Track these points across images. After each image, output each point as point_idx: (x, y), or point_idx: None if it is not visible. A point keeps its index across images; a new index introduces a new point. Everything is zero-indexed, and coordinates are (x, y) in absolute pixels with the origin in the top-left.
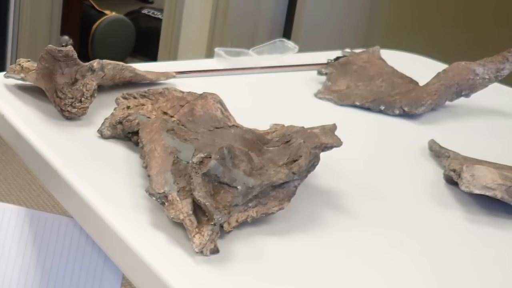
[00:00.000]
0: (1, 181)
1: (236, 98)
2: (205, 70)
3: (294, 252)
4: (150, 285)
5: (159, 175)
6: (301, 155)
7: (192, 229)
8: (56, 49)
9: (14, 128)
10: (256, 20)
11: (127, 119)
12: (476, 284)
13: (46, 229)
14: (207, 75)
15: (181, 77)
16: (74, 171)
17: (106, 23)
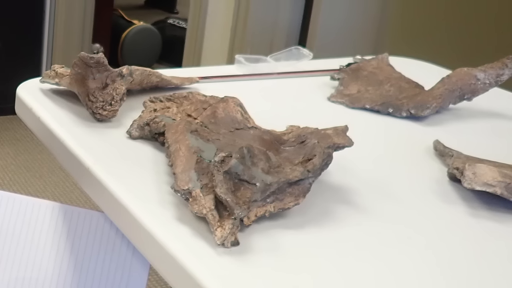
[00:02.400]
0: (37, 178)
1: (255, 101)
2: (226, 75)
3: (308, 245)
4: (175, 275)
5: (183, 173)
6: (315, 154)
7: (214, 223)
8: (88, 56)
9: (49, 130)
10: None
11: (154, 121)
12: (478, 275)
13: (79, 223)
14: (228, 80)
15: (204, 82)
16: (105, 169)
17: (135, 32)
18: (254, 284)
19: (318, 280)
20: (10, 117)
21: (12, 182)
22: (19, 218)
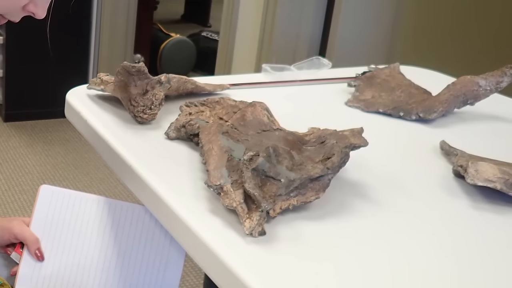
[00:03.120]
0: (84, 175)
1: (280, 106)
2: (254, 82)
3: (328, 234)
4: (208, 261)
5: (216, 170)
6: (334, 153)
7: (243, 215)
8: (130, 65)
9: (95, 131)
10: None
11: (189, 123)
12: (480, 260)
13: (122, 215)
14: (256, 87)
15: (234, 88)
16: (145, 167)
17: (172, 43)
18: (279, 270)
19: (338, 266)
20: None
21: (62, 178)
22: (68, 211)
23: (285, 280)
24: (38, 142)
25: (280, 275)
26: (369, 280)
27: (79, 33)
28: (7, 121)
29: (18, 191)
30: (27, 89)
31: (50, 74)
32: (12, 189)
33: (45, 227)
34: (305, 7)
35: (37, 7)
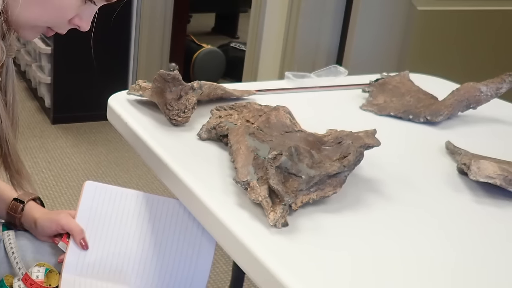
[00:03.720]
0: (124, 172)
1: (301, 110)
2: (278, 88)
3: (345, 226)
4: (236, 250)
5: (243, 167)
6: (350, 153)
7: (268, 208)
8: (166, 73)
9: (134, 132)
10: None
11: (219, 125)
12: (481, 250)
13: (158, 208)
14: (279, 93)
15: (259, 94)
16: (179, 165)
17: (204, 53)
18: (301, 258)
19: (353, 255)
20: (103, 122)
21: (104, 175)
22: (110, 204)
23: (306, 267)
24: (83, 143)
25: (301, 262)
26: (381, 267)
27: (120, 44)
28: (54, 124)
29: (65, 186)
30: (73, 95)
31: (94, 81)
32: (59, 184)
33: (89, 219)
34: (324, 21)
35: (82, 21)
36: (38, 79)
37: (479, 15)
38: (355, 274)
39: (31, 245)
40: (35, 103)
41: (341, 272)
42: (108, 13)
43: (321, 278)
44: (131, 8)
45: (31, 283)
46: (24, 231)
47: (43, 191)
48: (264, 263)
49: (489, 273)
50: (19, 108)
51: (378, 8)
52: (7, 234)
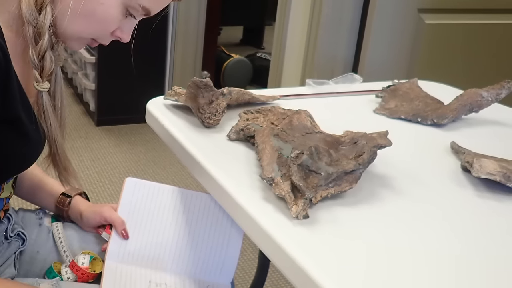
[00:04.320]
0: (161, 169)
1: (320, 113)
2: (299, 94)
3: (360, 218)
4: (262, 239)
5: (268, 165)
6: (364, 152)
7: (290, 202)
8: (199, 80)
9: (170, 134)
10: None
11: (247, 127)
12: (483, 240)
13: (192, 202)
14: (301, 98)
15: (283, 99)
16: (211, 162)
17: (233, 62)
18: (320, 246)
19: (367, 244)
20: (141, 124)
21: (143, 172)
22: (148, 198)
23: (325, 254)
24: (124, 143)
25: (320, 250)
26: (392, 255)
27: (157, 54)
28: (98, 126)
29: (108, 182)
30: (115, 100)
31: (133, 87)
32: (102, 181)
33: (129, 211)
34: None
35: (123, 33)
36: (83, 86)
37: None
38: (369, 261)
39: (77, 235)
40: (81, 107)
41: (356, 259)
42: (146, 26)
43: (338, 264)
44: (168, 21)
45: (77, 269)
46: (71, 223)
47: (88, 187)
48: (287, 251)
49: (489, 262)
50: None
51: (390, 22)
52: (56, 225)
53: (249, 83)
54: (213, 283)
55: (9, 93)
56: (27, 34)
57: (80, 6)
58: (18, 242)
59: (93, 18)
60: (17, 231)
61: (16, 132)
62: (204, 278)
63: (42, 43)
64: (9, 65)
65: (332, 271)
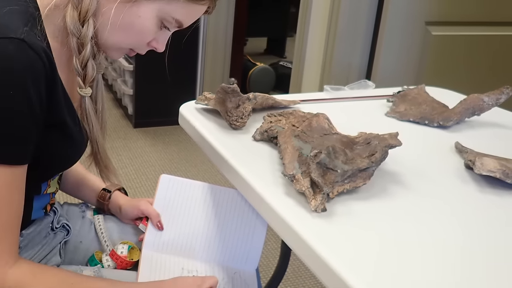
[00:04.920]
0: (193, 167)
1: (337, 116)
2: (318, 99)
3: (372, 211)
4: (284, 230)
5: (290, 163)
6: (377, 151)
7: (310, 196)
8: (227, 86)
9: (201, 135)
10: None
11: (270, 129)
12: (484, 231)
13: (220, 197)
14: (319, 102)
15: (303, 103)
16: (237, 161)
17: (258, 70)
18: (337, 236)
19: (379, 234)
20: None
21: (176, 169)
22: (181, 193)
23: (341, 244)
24: (159, 143)
25: (337, 240)
26: (401, 245)
27: (189, 62)
28: (136, 128)
29: (144, 179)
30: (150, 104)
31: (168, 92)
32: (139, 177)
33: (164, 205)
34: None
35: (158, 43)
36: (122, 91)
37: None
38: (380, 249)
39: (116, 227)
40: (120, 111)
41: (369, 248)
42: (179, 37)
43: (353, 252)
44: (198, 33)
45: (117, 258)
46: (111, 215)
47: (126, 183)
48: (307, 241)
49: (490, 250)
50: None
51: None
52: (97, 217)
53: (272, 89)
54: (239, 270)
55: (55, 98)
56: (71, 44)
57: (119, 19)
58: (63, 233)
59: (131, 30)
60: (62, 223)
61: (62, 134)
62: (231, 266)
63: (85, 52)
64: (55, 73)
65: (347, 259)
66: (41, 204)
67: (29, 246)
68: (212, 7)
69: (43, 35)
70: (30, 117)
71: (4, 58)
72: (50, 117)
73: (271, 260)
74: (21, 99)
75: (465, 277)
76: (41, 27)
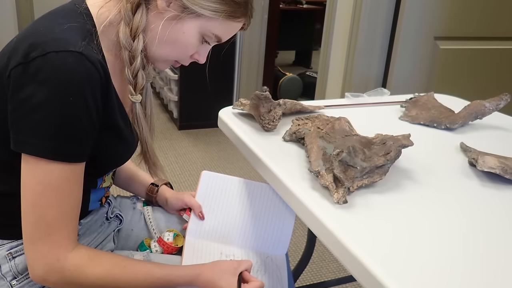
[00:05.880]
0: (230, 164)
1: (357, 119)
2: (340, 104)
3: (388, 203)
4: (310, 220)
5: (315, 161)
6: (391, 150)
7: (333, 190)
8: (260, 93)
9: (237, 136)
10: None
11: (298, 131)
12: (485, 220)
13: (254, 190)
14: (341, 107)
15: (327, 108)
16: (270, 159)
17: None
18: (356, 225)
19: (393, 222)
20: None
21: (215, 167)
22: (220, 187)
23: (359, 231)
24: (201, 143)
25: (356, 228)
26: (413, 232)
27: (226, 72)
28: (180, 130)
29: (188, 174)
30: (193, 109)
31: (208, 99)
32: (183, 173)
33: (205, 197)
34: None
35: (200, 56)
36: (168, 98)
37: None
38: (394, 236)
39: (163, 217)
40: (166, 115)
41: (384, 234)
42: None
43: (370, 238)
44: (235, 46)
45: (163, 244)
46: (158, 207)
47: (172, 178)
48: (330, 229)
49: (490, 237)
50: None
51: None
52: (146, 208)
53: (300, 96)
54: (271, 255)
55: (109, 104)
56: (124, 57)
57: (166, 34)
58: (116, 222)
59: (176, 45)
60: (116, 213)
61: (115, 135)
62: (264, 251)
63: (136, 64)
64: (109, 82)
65: (366, 244)
66: (97, 196)
67: (86, 234)
68: (247, 24)
69: (99, 48)
70: (88, 121)
71: (64, 69)
72: (105, 120)
73: (298, 246)
74: (80, 105)
75: (467, 258)
76: (97, 42)
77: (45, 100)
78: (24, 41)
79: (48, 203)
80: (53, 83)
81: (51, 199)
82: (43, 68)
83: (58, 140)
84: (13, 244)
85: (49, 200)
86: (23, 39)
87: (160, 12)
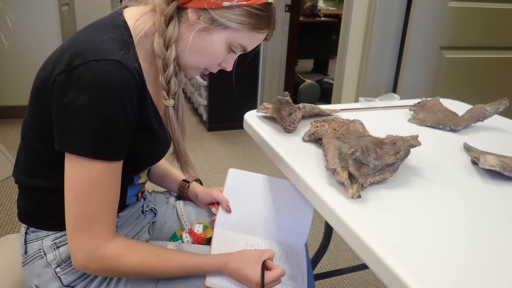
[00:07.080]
0: (254, 162)
1: (369, 122)
2: (354, 108)
3: (397, 197)
4: (327, 213)
5: (332, 159)
6: (401, 150)
7: (348, 186)
8: (281, 98)
9: (261, 137)
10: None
11: (316, 132)
12: (486, 213)
13: (276, 186)
14: (355, 111)
15: (342, 112)
16: (290, 157)
17: (306, 85)
18: (369, 218)
19: (403, 215)
20: (240, 130)
21: (241, 164)
22: (246, 183)
23: (372, 223)
24: (228, 143)
25: (369, 221)
26: (421, 224)
27: (251, 79)
28: (209, 131)
29: (216, 172)
30: (221, 112)
31: (234, 103)
32: (212, 171)
33: (232, 193)
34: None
35: (227, 64)
36: (198, 102)
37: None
38: (403, 227)
39: (194, 210)
40: (196, 118)
41: (394, 226)
42: (243, 59)
43: (382, 230)
44: (259, 55)
45: (194, 235)
46: (189, 201)
47: (201, 175)
48: (345, 221)
49: (491, 228)
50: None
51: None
52: (178, 203)
53: (318, 100)
54: (291, 244)
55: (145, 108)
56: (158, 65)
57: (196, 44)
58: (151, 215)
59: (205, 54)
60: (151, 207)
61: (150, 136)
62: (285, 241)
63: (169, 71)
64: (144, 88)
65: (378, 235)
66: (133, 192)
67: (124, 226)
68: (270, 35)
69: (135, 57)
70: (125, 123)
71: (104, 76)
72: (141, 123)
73: (316, 236)
74: (118, 109)
75: (470, 248)
76: (133, 51)
77: (86, 104)
78: (67, 50)
79: (89, 197)
80: (94, 88)
81: (92, 194)
82: (85, 75)
83: (98, 141)
84: (57, 235)
85: (90, 195)
86: (66, 49)
87: (191, 24)
